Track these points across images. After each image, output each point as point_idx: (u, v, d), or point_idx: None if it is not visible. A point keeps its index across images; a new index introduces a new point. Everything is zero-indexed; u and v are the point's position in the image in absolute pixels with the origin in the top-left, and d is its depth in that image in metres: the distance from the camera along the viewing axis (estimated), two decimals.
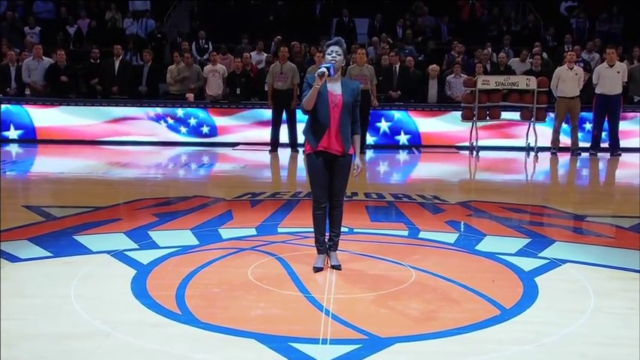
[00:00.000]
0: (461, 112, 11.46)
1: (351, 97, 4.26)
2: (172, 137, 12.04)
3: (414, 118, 12.04)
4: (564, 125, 11.21)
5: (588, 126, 11.59)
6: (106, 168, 9.59)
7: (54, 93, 12.12)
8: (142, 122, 12.06)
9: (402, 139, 12.06)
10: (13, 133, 11.88)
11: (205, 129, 12.03)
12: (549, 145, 11.22)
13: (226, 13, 16.41)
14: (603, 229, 5.90)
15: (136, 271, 4.30)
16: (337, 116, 4.23)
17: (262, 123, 11.86)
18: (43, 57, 12.22)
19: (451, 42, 14.58)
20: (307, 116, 4.32)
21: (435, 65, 12.54)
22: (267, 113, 11.58)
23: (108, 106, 12.08)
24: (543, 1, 16.91)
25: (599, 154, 11.07)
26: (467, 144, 11.51)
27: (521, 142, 11.56)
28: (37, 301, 3.73)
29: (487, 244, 5.15)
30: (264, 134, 11.51)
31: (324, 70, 4.08)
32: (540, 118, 11.11)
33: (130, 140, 11.93)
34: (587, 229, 5.95)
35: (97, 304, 3.72)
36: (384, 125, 12.01)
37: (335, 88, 4.24)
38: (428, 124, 12.04)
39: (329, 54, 4.23)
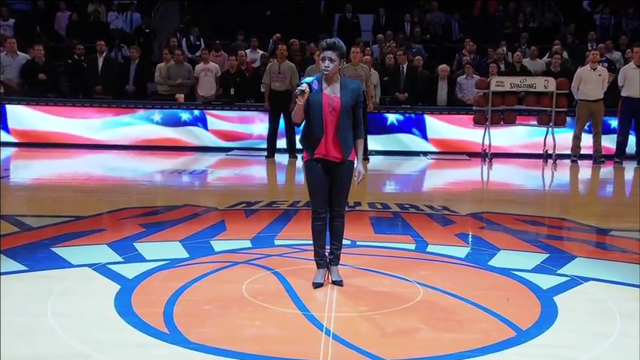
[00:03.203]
0: (473, 116, 11.48)
1: (351, 98, 4.25)
2: (161, 140, 12.05)
3: (422, 121, 12.07)
4: (586, 130, 11.23)
5: (613, 130, 11.61)
6: (87, 173, 9.60)
7: (31, 92, 12.14)
8: (129, 124, 12.09)
9: (409, 144, 12.08)
10: None
11: (197, 131, 12.06)
12: (569, 152, 11.24)
13: (220, 7, 16.47)
14: (629, 244, 5.88)
15: (120, 287, 4.29)
16: (335, 120, 4.22)
17: (258, 126, 11.87)
18: (18, 52, 12.24)
19: (462, 40, 14.64)
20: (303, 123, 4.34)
21: (444, 65, 12.59)
22: (263, 116, 11.59)
23: (91, 106, 12.11)
24: None
25: (624, 162, 11.08)
26: (479, 150, 11.53)
27: (539, 149, 11.58)
28: (10, 320, 3.69)
29: (501, 260, 5.14)
30: (260, 138, 11.53)
31: (305, 87, 4.07)
32: (559, 123, 11.13)
33: (115, 144, 11.95)
34: (611, 244, 5.95)
35: (76, 322, 3.70)
36: (389, 129, 12.03)
37: (332, 91, 4.24)
38: (437, 129, 12.07)
39: (322, 60, 4.21)
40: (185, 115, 12.04)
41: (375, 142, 11.75)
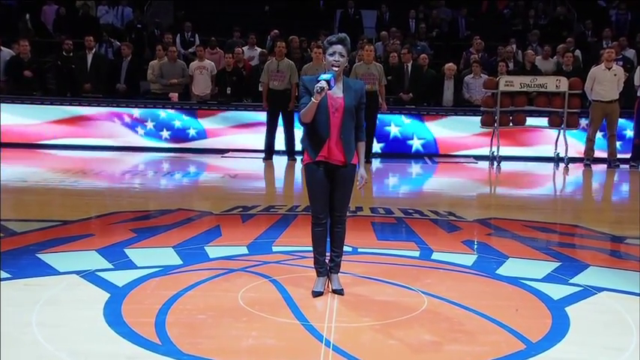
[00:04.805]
0: (480, 117, 11.49)
1: (354, 99, 4.27)
2: (153, 142, 12.07)
3: (428, 123, 12.09)
4: (600, 133, 11.23)
5: (628, 134, 11.61)
6: (76, 176, 9.60)
7: (16, 90, 12.14)
8: (118, 124, 12.10)
9: (414, 147, 12.10)
10: None
11: (192, 132, 12.08)
12: (582, 156, 11.24)
13: (215, 3, 16.49)
14: None
15: (109, 295, 4.29)
16: (338, 122, 4.24)
17: (256, 127, 11.90)
18: (2, 48, 12.24)
19: (470, 37, 14.65)
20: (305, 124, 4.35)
21: (451, 64, 12.61)
22: (261, 116, 11.61)
23: (79, 105, 12.12)
24: None
25: None
26: (487, 153, 11.53)
27: (550, 152, 11.59)
28: None
29: (510, 268, 5.14)
30: (258, 140, 11.54)
31: (324, 84, 4.07)
32: (572, 125, 11.14)
33: (105, 145, 11.96)
34: (626, 253, 5.94)
35: (63, 332, 3.70)
36: (393, 131, 12.06)
37: (335, 91, 4.24)
38: (443, 131, 12.09)
39: (331, 55, 4.21)
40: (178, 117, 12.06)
41: (378, 144, 11.77)
